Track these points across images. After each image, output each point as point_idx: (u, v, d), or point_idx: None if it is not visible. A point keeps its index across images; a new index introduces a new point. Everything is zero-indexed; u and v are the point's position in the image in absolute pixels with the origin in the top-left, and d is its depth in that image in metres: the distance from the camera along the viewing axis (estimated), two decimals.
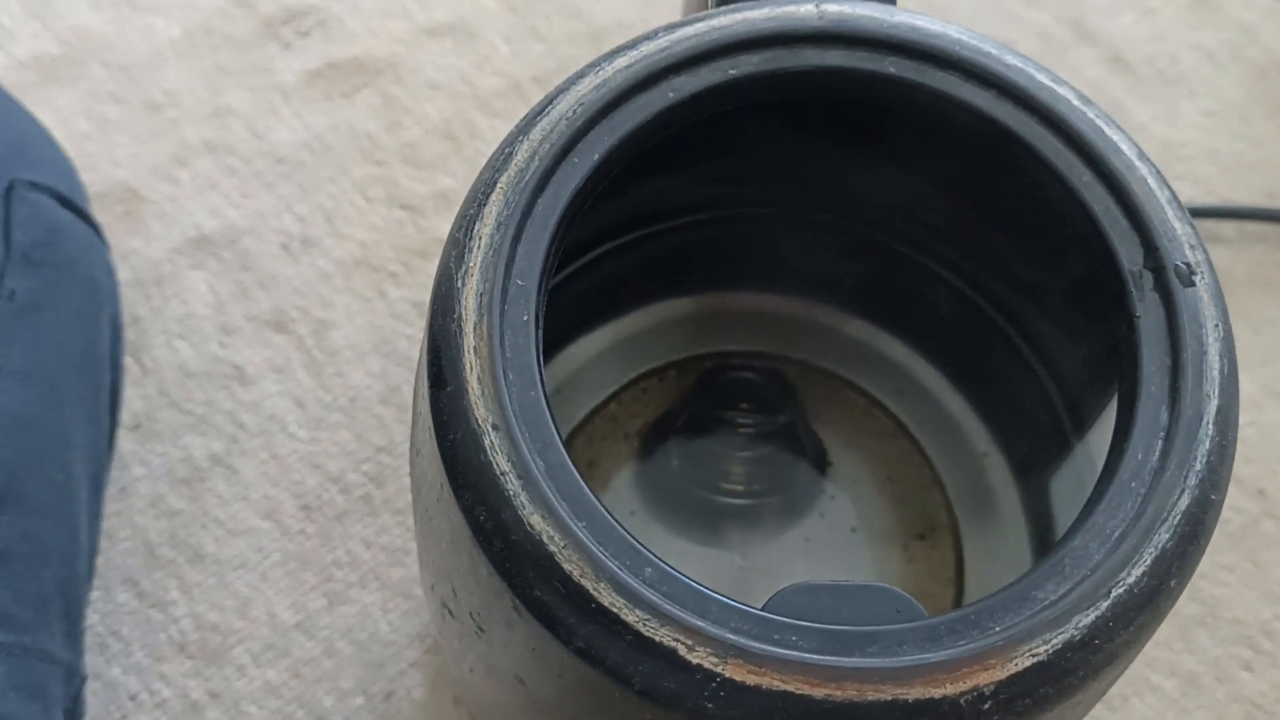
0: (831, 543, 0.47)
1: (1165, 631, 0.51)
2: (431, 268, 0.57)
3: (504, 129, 0.60)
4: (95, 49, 0.61)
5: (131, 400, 0.54)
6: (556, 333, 0.46)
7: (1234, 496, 0.54)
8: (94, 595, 0.49)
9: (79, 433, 0.46)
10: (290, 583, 0.51)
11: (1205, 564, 0.53)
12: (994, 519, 0.47)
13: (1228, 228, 0.60)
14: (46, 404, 0.45)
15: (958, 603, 0.46)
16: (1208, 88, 0.63)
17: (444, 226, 0.58)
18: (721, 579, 0.46)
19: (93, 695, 0.48)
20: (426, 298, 0.57)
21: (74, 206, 0.50)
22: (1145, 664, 0.51)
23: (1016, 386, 0.44)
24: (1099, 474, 0.31)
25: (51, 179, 0.49)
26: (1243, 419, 0.55)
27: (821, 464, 0.48)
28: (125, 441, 0.53)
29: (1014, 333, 0.44)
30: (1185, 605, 0.52)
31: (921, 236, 0.44)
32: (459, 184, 0.59)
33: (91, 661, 0.49)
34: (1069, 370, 0.42)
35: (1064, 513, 0.43)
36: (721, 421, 0.47)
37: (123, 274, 0.55)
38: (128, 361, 0.54)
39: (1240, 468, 0.55)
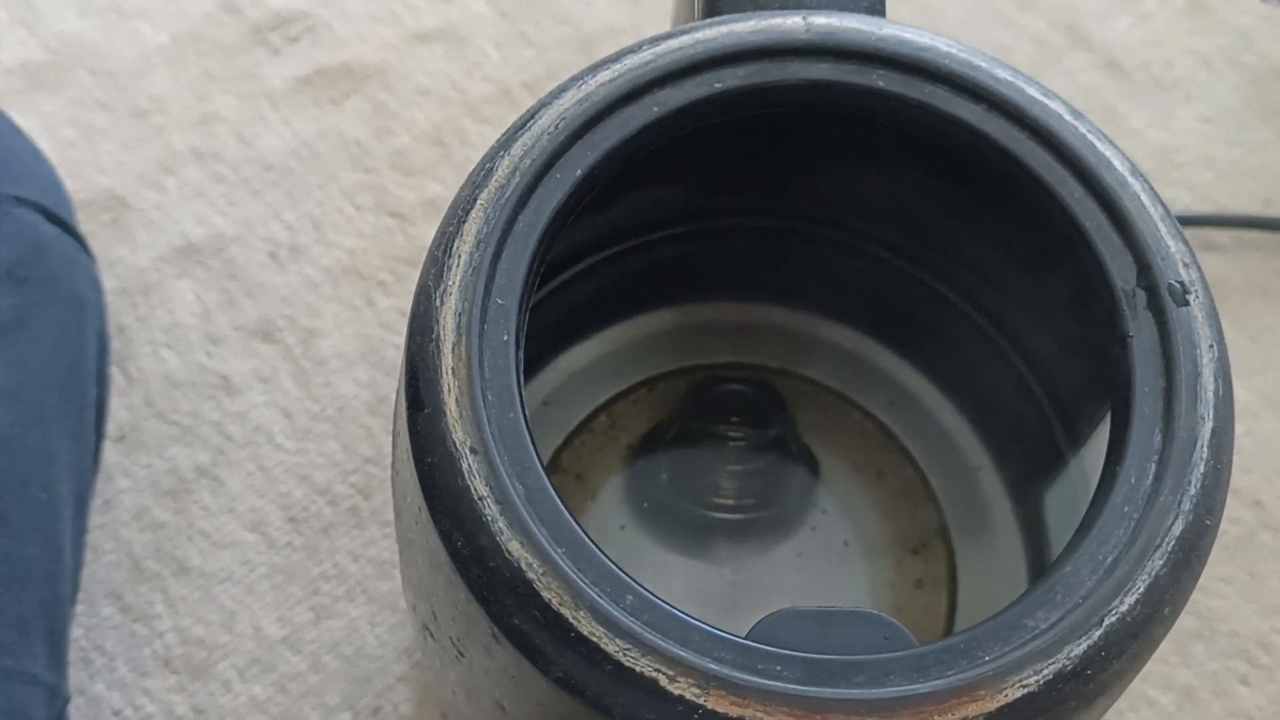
0: (823, 557, 0.46)
1: (1162, 645, 0.51)
2: None
3: (494, 135, 0.59)
4: (82, 56, 0.61)
5: (117, 411, 0.53)
6: (546, 344, 0.46)
7: (1230, 507, 0.54)
8: (78, 609, 0.49)
9: (63, 451, 0.46)
10: (276, 596, 0.51)
11: (1201, 576, 0.53)
12: (988, 533, 0.46)
13: (1224, 235, 0.59)
14: (29, 423, 0.44)
15: (951, 618, 0.45)
16: (1203, 93, 0.63)
17: (433, 234, 0.58)
18: (712, 593, 0.46)
19: (76, 711, 0.48)
20: None
21: (59, 221, 0.49)
22: (1141, 678, 0.50)
23: (1010, 400, 0.44)
24: (1092, 495, 0.30)
25: (37, 193, 0.49)
26: (1239, 428, 0.55)
27: (813, 477, 0.47)
28: (110, 453, 0.52)
29: (1007, 345, 0.43)
30: (1181, 618, 0.51)
31: (913, 248, 0.44)
32: (448, 191, 0.59)
33: (75, 677, 0.48)
34: (1063, 384, 0.41)
35: (1058, 527, 0.42)
36: (712, 434, 0.47)
37: (108, 283, 0.55)
38: (113, 371, 0.53)
39: (1237, 478, 0.54)
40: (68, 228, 0.49)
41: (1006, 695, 0.26)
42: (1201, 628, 0.51)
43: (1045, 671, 0.27)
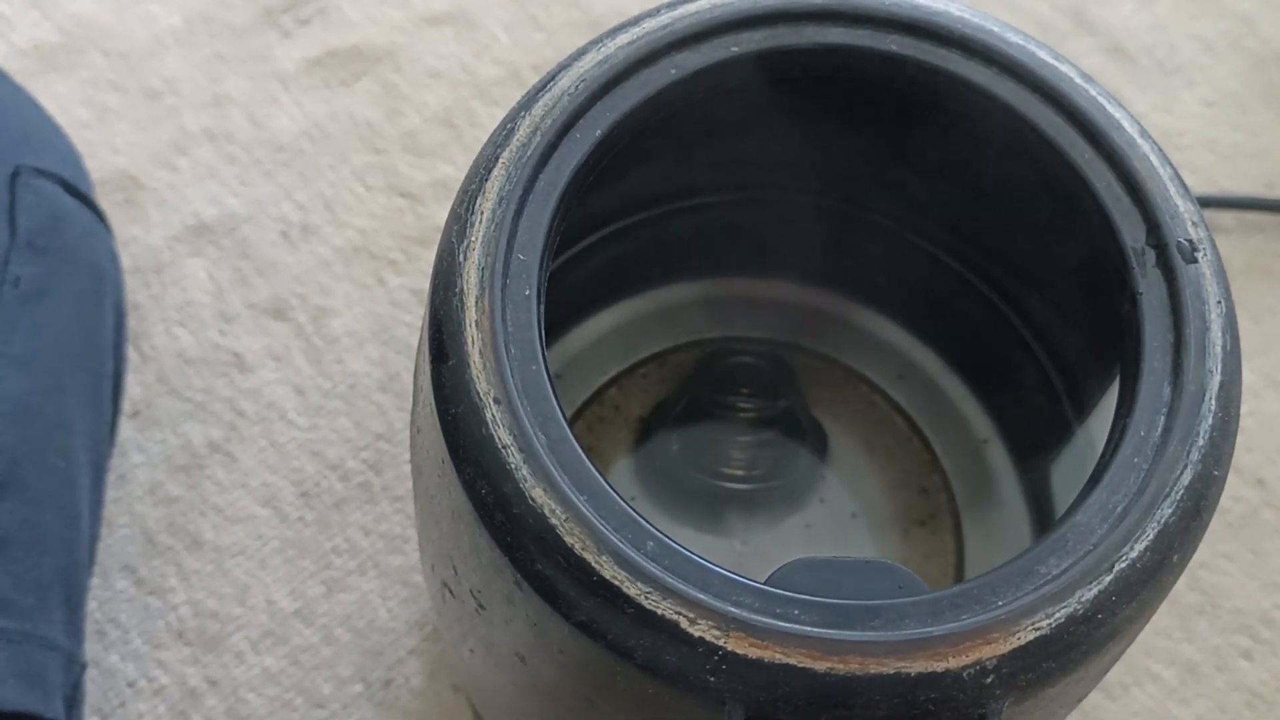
0: (832, 528, 0.47)
1: (1165, 620, 0.51)
2: (431, 255, 0.57)
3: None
4: (95, 37, 0.61)
5: (130, 387, 0.54)
6: (557, 317, 0.46)
7: (1234, 486, 0.54)
8: (92, 582, 0.49)
9: (81, 419, 0.46)
10: (289, 570, 0.51)
11: (1205, 553, 0.53)
12: (995, 505, 0.47)
13: (1227, 217, 0.60)
14: (49, 391, 0.45)
15: None
16: (1206, 77, 0.63)
17: (443, 214, 0.58)
18: (722, 564, 0.46)
19: (91, 682, 0.48)
20: (426, 285, 0.56)
21: (79, 193, 0.49)
22: (1145, 653, 0.51)
23: (1017, 371, 0.44)
24: (1101, 451, 0.30)
25: (57, 166, 0.49)
26: (1242, 408, 0.56)
27: (822, 449, 0.48)
28: (124, 429, 0.53)
29: (1015, 316, 0.43)
30: (1185, 594, 0.52)
31: (922, 220, 0.44)
32: (458, 172, 0.59)
33: (90, 648, 0.49)
34: (1070, 354, 0.42)
35: (1064, 499, 0.43)
36: (722, 407, 0.47)
37: (122, 261, 0.55)
38: (127, 349, 0.54)
39: (1240, 457, 0.55)
40: (87, 200, 0.50)
41: (1019, 638, 0.27)
42: (1205, 604, 0.52)
43: (1057, 615, 0.27)
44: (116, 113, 0.60)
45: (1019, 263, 0.42)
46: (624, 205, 0.45)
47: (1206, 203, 0.60)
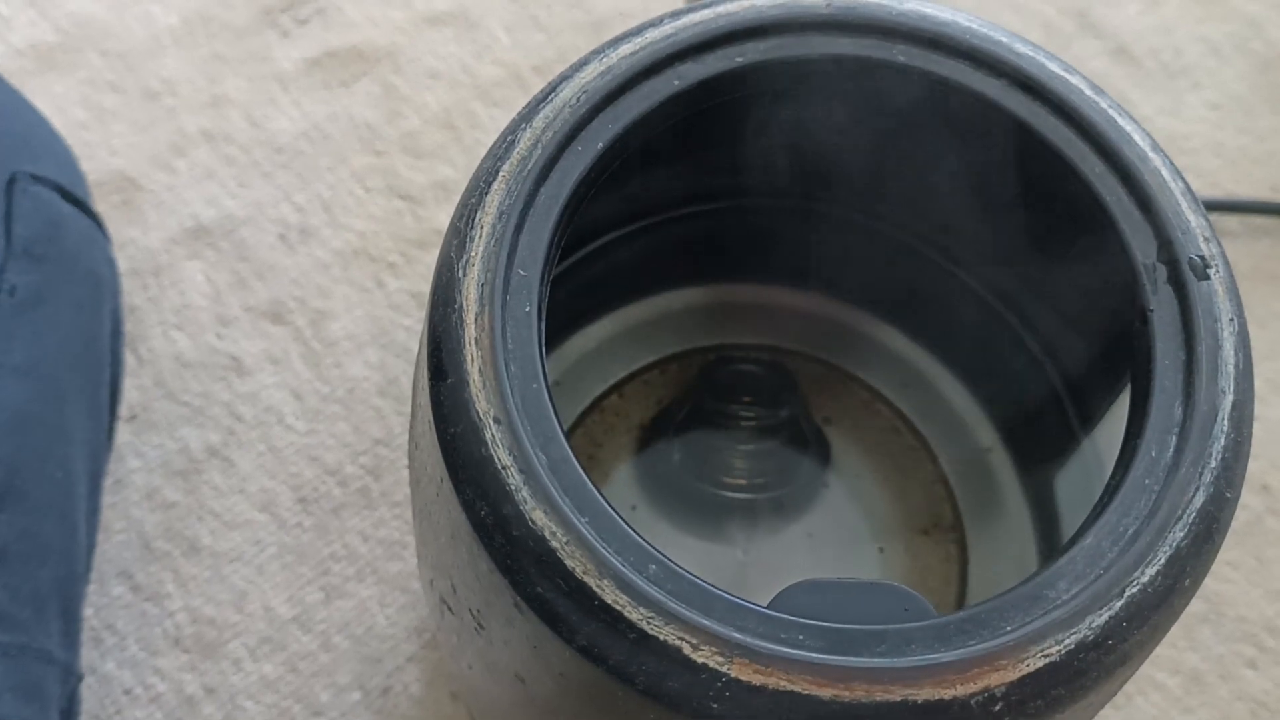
0: (834, 538, 0.46)
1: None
2: (430, 258, 0.57)
3: (504, 118, 0.60)
4: (93, 37, 0.61)
5: (127, 391, 0.53)
6: (558, 324, 0.46)
7: None
8: (89, 589, 0.49)
9: (79, 428, 0.46)
10: (287, 576, 0.51)
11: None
12: (998, 515, 0.46)
13: (1232, 221, 0.60)
14: (47, 400, 0.44)
15: (961, 600, 0.46)
16: (1212, 80, 0.63)
17: (443, 217, 0.58)
18: (723, 574, 0.46)
19: (87, 690, 0.48)
20: (425, 288, 0.56)
21: (75, 199, 0.49)
22: (1149, 662, 0.50)
23: (1022, 381, 0.44)
24: (1110, 470, 0.30)
25: (53, 171, 0.49)
26: None
27: (824, 458, 0.47)
28: (121, 433, 0.52)
29: (1020, 327, 0.43)
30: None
31: (927, 229, 0.44)
32: (458, 174, 0.59)
33: (86, 655, 0.48)
34: (1076, 365, 0.41)
35: (1069, 509, 0.42)
36: (724, 415, 0.47)
37: (119, 264, 0.55)
38: (124, 354, 0.53)
39: None
40: (84, 206, 0.49)
41: (1028, 665, 0.26)
42: (1209, 612, 0.52)
43: (1067, 641, 0.27)
44: (114, 113, 0.59)
45: (1026, 274, 0.41)
46: (625, 212, 0.44)
47: (1212, 207, 0.59)
